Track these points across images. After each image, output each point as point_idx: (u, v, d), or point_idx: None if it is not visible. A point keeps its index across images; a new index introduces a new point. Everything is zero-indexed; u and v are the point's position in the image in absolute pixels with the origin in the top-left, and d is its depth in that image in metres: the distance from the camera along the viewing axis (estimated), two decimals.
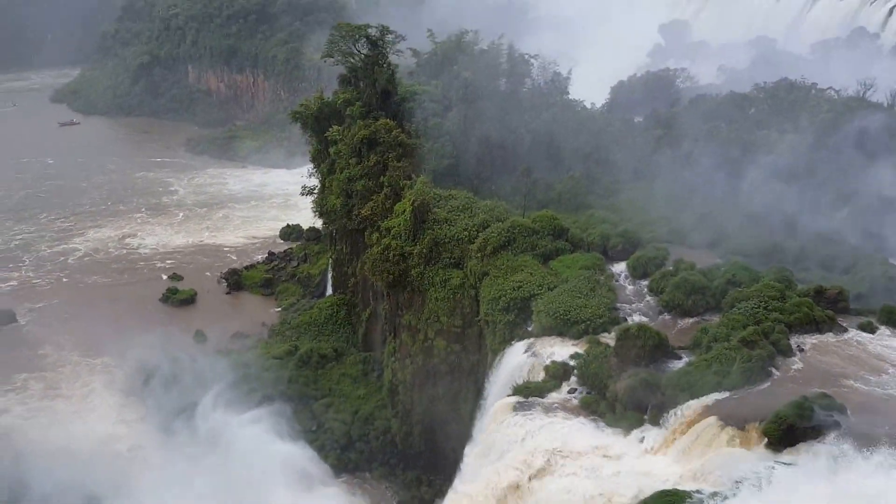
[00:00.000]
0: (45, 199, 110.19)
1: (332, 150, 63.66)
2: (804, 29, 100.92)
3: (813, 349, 31.25)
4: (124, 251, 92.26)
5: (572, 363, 35.07)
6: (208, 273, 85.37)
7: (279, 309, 76.67)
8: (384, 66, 62.84)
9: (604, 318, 36.80)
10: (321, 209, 68.01)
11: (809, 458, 24.59)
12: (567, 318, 37.23)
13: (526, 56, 64.14)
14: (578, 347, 35.91)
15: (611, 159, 56.22)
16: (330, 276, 73.96)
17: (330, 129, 63.10)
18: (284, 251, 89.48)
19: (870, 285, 36.48)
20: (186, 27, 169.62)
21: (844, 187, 42.10)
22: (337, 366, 63.59)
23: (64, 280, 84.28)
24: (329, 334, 67.66)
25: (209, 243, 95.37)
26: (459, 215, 49.37)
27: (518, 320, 40.23)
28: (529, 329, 39.44)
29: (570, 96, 62.27)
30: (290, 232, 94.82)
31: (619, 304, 38.46)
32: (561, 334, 37.41)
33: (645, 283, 40.22)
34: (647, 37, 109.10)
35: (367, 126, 58.55)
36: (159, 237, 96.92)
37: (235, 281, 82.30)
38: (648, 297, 39.08)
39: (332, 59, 65.86)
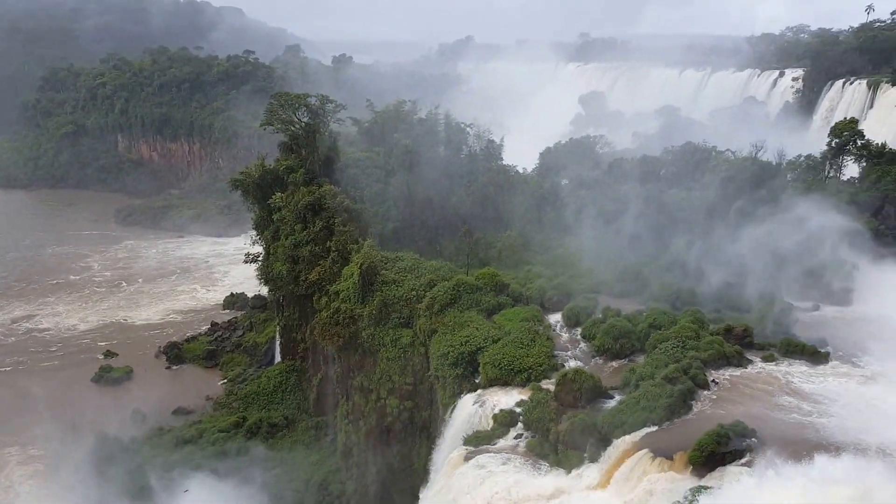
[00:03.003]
0: None
1: (275, 216, 64.67)
2: (703, 99, 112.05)
3: (726, 381, 35.02)
4: (23, 336, 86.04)
5: (518, 410, 37.41)
6: (149, 347, 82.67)
7: (225, 381, 75.41)
8: (325, 133, 65.68)
9: (544, 366, 39.66)
10: (266, 276, 68.05)
11: (728, 480, 27.61)
12: (511, 367, 39.97)
13: (462, 125, 68.63)
14: (523, 395, 38.37)
15: (543, 219, 60.69)
16: (278, 343, 73.89)
17: (273, 196, 64.07)
18: (228, 321, 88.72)
19: (770, 321, 40.77)
20: (115, 96, 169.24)
21: (743, 237, 47.30)
22: (288, 434, 63.62)
23: None
24: (279, 402, 67.44)
25: (131, 320, 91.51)
26: (407, 276, 51.84)
27: (466, 373, 42.59)
28: (477, 381, 41.74)
29: (504, 161, 66.81)
30: (234, 301, 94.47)
31: (557, 352, 41.44)
32: (506, 384, 39.84)
33: (578, 330, 43.76)
34: (570, 107, 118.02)
35: (312, 192, 60.55)
36: (61, 318, 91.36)
37: (176, 354, 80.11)
38: (582, 344, 42.46)
39: (271, 128, 67.55)
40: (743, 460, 28.69)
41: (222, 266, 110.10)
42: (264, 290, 77.56)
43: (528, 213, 61.47)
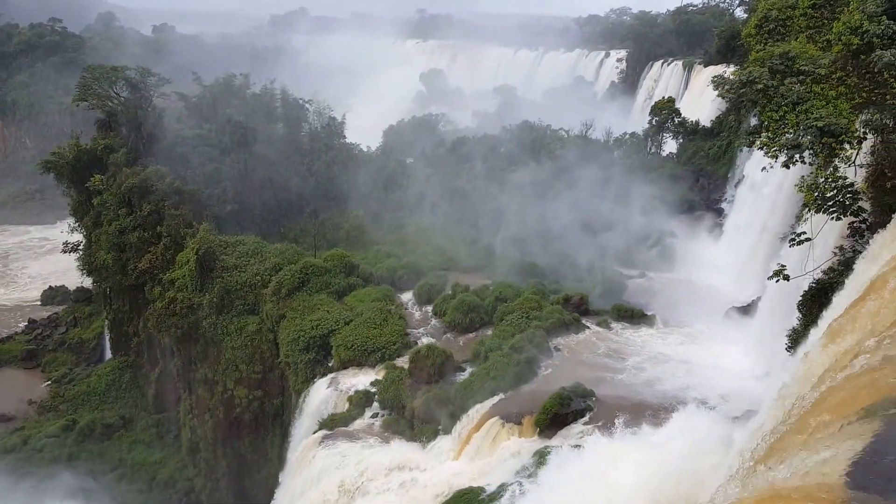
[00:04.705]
0: None
1: (95, 201, 59.99)
2: (537, 78, 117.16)
3: (566, 347, 37.37)
4: None
5: (373, 390, 37.64)
6: None
7: (49, 382, 68.38)
8: (148, 109, 61.37)
9: (397, 344, 40.09)
10: (89, 266, 63.16)
11: (570, 439, 29.65)
12: (364, 348, 39.97)
13: (300, 101, 66.26)
14: (378, 374, 38.62)
15: (390, 197, 60.68)
16: (108, 338, 68.81)
17: (91, 179, 59.21)
18: (48, 317, 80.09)
19: (603, 289, 44.21)
20: None
21: (577, 210, 50.58)
22: (126, 434, 59.70)
23: None
24: (113, 401, 62.82)
25: None
26: (249, 260, 49.80)
27: (319, 357, 41.99)
28: (330, 364, 41.38)
29: (347, 140, 65.57)
30: (53, 295, 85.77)
31: (409, 330, 42.03)
32: (360, 364, 39.89)
33: (429, 307, 44.58)
34: (411, 84, 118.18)
35: (136, 174, 56.49)
36: None
37: None
38: (434, 320, 43.34)
39: (86, 104, 62.64)
40: (584, 419, 30.69)
41: (26, 259, 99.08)
42: (88, 282, 71.40)
43: (375, 192, 61.14)
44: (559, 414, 30.52)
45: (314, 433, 36.78)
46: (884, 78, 23.05)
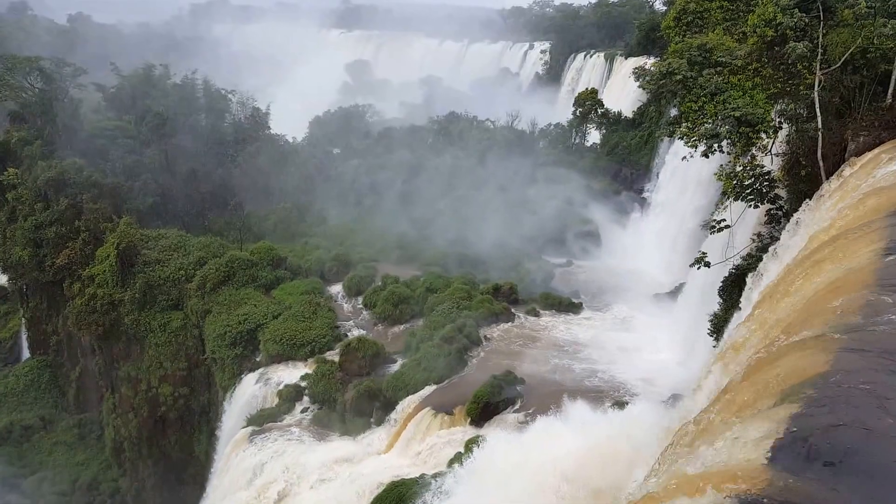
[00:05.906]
0: None
1: (9, 195, 58.03)
2: (463, 69, 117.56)
3: (496, 336, 37.89)
4: None
5: (303, 384, 37.10)
6: None
7: None
8: (64, 100, 60.07)
9: (327, 337, 39.67)
10: (4, 263, 61.33)
11: (501, 427, 30.00)
12: (293, 342, 39.38)
13: (223, 91, 64.92)
14: (308, 368, 38.05)
15: (317, 189, 59.83)
16: (25, 337, 66.30)
17: (5, 173, 57.63)
18: None
19: (532, 278, 44.97)
20: None
21: (505, 201, 51.17)
22: (46, 435, 57.55)
23: None
24: (32, 402, 60.33)
25: None
26: (172, 255, 48.50)
27: (246, 353, 41.14)
28: (258, 359, 40.62)
29: (273, 131, 64.38)
30: None
31: (339, 323, 41.63)
32: (289, 359, 39.26)
33: (359, 299, 44.34)
34: (336, 75, 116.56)
35: (52, 167, 54.80)
36: None
37: None
38: (364, 312, 43.13)
39: None
40: (515, 407, 31.18)
41: None
42: (3, 280, 68.80)
43: (302, 183, 60.17)
44: (490, 402, 30.82)
45: (242, 429, 36.01)
46: (797, 69, 24.10)
